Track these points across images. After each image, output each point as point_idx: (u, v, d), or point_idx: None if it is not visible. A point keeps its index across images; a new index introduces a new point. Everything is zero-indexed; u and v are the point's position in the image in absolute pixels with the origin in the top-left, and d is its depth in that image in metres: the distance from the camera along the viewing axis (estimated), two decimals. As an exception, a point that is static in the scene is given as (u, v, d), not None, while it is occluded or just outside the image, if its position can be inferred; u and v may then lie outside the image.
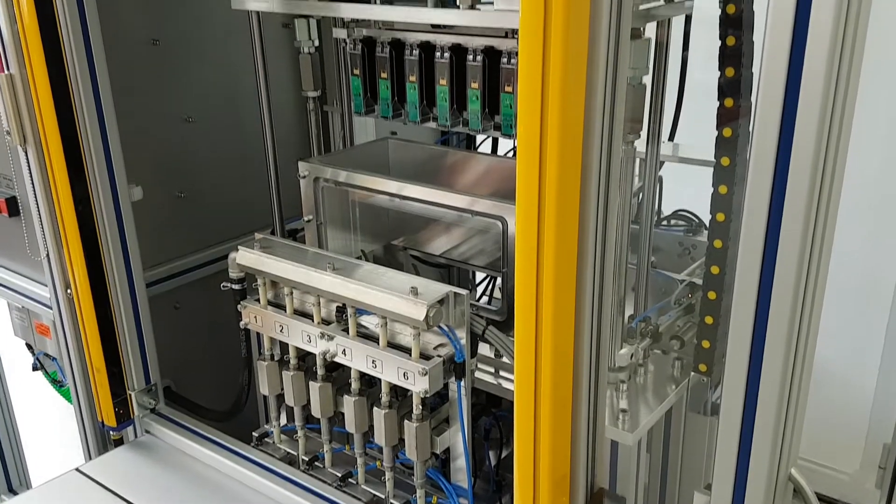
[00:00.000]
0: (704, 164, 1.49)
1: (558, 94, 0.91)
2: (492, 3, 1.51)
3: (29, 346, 2.36)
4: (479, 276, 2.15)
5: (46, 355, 2.30)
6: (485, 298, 2.18)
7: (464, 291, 1.44)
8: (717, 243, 1.49)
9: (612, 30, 0.96)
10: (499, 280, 2.00)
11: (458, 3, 1.49)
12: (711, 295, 1.53)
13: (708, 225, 1.55)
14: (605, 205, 1.04)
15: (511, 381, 1.67)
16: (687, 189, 1.90)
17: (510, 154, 2.09)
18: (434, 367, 1.45)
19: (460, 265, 1.89)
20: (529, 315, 1.05)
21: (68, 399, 2.41)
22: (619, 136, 1.02)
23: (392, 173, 2.04)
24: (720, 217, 1.47)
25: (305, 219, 1.89)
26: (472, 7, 1.47)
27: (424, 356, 1.49)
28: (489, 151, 2.25)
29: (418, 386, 1.46)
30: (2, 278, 2.16)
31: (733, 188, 1.45)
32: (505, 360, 1.66)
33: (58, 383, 2.37)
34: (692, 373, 1.62)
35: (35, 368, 2.39)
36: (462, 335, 1.47)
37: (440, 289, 1.45)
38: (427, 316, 1.40)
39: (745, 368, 0.94)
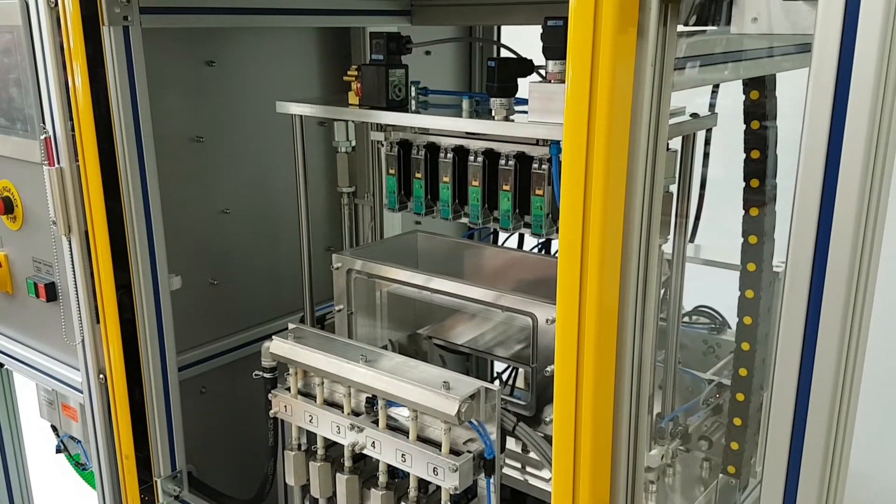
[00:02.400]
0: (731, 268, 1.54)
1: (600, 209, 0.96)
2: (525, 112, 1.60)
3: (54, 428, 2.37)
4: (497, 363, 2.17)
5: (71, 438, 2.31)
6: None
7: (495, 387, 1.47)
8: (745, 346, 1.52)
9: (650, 144, 1.02)
10: (520, 370, 2.02)
11: (493, 113, 1.58)
12: (740, 397, 1.55)
13: (735, 325, 1.59)
14: (643, 305, 1.08)
15: (538, 477, 1.68)
16: (699, 284, 1.95)
17: (534, 250, 2.15)
18: (464, 462, 1.46)
19: (487, 356, 1.92)
20: (568, 418, 1.07)
21: (89, 483, 2.40)
22: (656, 242, 1.07)
23: (420, 264, 2.10)
24: (747, 320, 1.51)
25: (337, 308, 1.93)
26: (506, 119, 1.56)
27: (454, 451, 1.50)
28: (515, 246, 2.31)
29: (448, 482, 1.47)
30: (35, 361, 2.20)
31: (760, 293, 1.49)
32: (532, 455, 1.67)
33: (80, 466, 2.37)
34: (720, 474, 1.62)
35: (58, 451, 2.40)
36: (492, 430, 1.49)
37: (472, 383, 1.48)
38: (459, 411, 1.42)
39: (782, 480, 0.96)
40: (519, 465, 1.71)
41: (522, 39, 2.20)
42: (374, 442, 1.58)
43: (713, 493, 1.61)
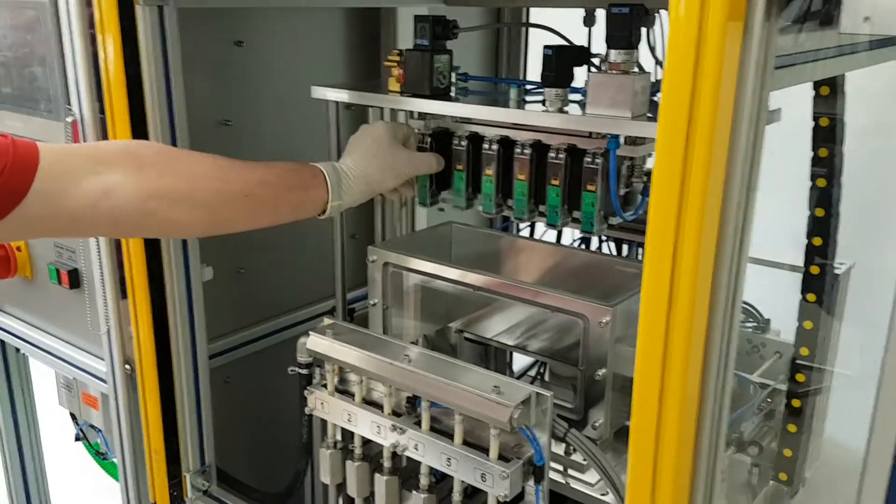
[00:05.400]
0: (792, 270, 1.49)
1: (697, 213, 0.91)
2: (576, 102, 1.53)
3: (73, 416, 2.32)
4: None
5: (91, 426, 2.27)
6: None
7: (547, 393, 1.41)
8: (804, 351, 1.47)
9: (749, 146, 0.96)
10: (548, 365, 1.97)
11: (546, 103, 1.51)
12: (796, 403, 1.50)
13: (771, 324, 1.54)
14: (732, 314, 1.02)
15: (581, 480, 1.63)
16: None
17: (574, 244, 2.09)
18: (515, 470, 1.41)
19: (521, 352, 1.87)
20: (648, 438, 1.02)
21: (109, 472, 2.36)
22: (748, 246, 1.02)
23: (454, 257, 2.04)
24: (808, 325, 1.46)
25: (371, 302, 1.88)
26: (560, 110, 1.49)
27: (502, 457, 1.45)
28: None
29: (498, 489, 1.42)
30: (54, 348, 2.14)
31: (822, 297, 1.44)
32: (576, 458, 1.62)
33: (100, 455, 2.32)
34: (770, 481, 1.58)
35: (77, 439, 2.36)
36: (542, 436, 1.44)
37: (522, 388, 1.42)
38: (511, 418, 1.37)
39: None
40: (561, 468, 1.66)
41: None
42: (416, 444, 1.53)
43: (764, 500, 1.57)
